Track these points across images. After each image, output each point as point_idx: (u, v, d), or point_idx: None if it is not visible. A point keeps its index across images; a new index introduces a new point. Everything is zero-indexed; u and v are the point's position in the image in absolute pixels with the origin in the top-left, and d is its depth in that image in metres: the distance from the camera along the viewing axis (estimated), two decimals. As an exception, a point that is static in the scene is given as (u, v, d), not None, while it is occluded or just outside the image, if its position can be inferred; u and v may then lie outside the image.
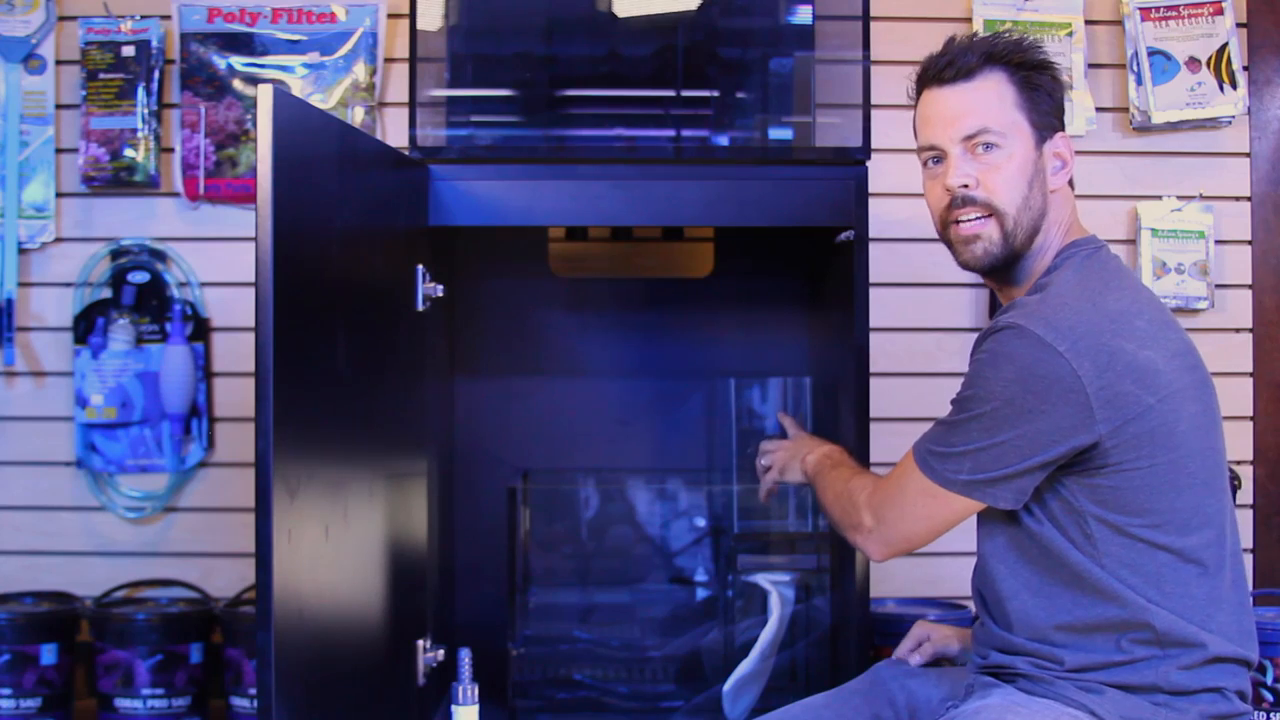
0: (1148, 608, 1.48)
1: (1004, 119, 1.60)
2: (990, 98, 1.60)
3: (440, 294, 2.05)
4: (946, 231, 1.65)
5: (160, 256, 2.66)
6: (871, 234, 2.14)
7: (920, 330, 2.70)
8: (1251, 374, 2.74)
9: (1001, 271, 1.64)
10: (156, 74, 2.64)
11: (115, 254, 2.66)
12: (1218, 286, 2.72)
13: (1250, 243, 2.75)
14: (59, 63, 2.68)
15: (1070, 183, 1.66)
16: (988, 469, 1.51)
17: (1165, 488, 1.48)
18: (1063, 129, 1.64)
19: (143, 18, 2.65)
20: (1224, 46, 2.67)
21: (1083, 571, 1.50)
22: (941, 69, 1.63)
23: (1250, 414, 2.74)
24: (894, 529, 1.64)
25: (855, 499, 1.70)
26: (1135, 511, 1.48)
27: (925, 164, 1.66)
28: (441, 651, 2.05)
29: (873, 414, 2.11)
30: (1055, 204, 1.63)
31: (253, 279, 1.42)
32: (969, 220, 1.61)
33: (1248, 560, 2.72)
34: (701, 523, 2.47)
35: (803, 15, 2.45)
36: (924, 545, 1.65)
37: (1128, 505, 1.48)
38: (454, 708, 1.82)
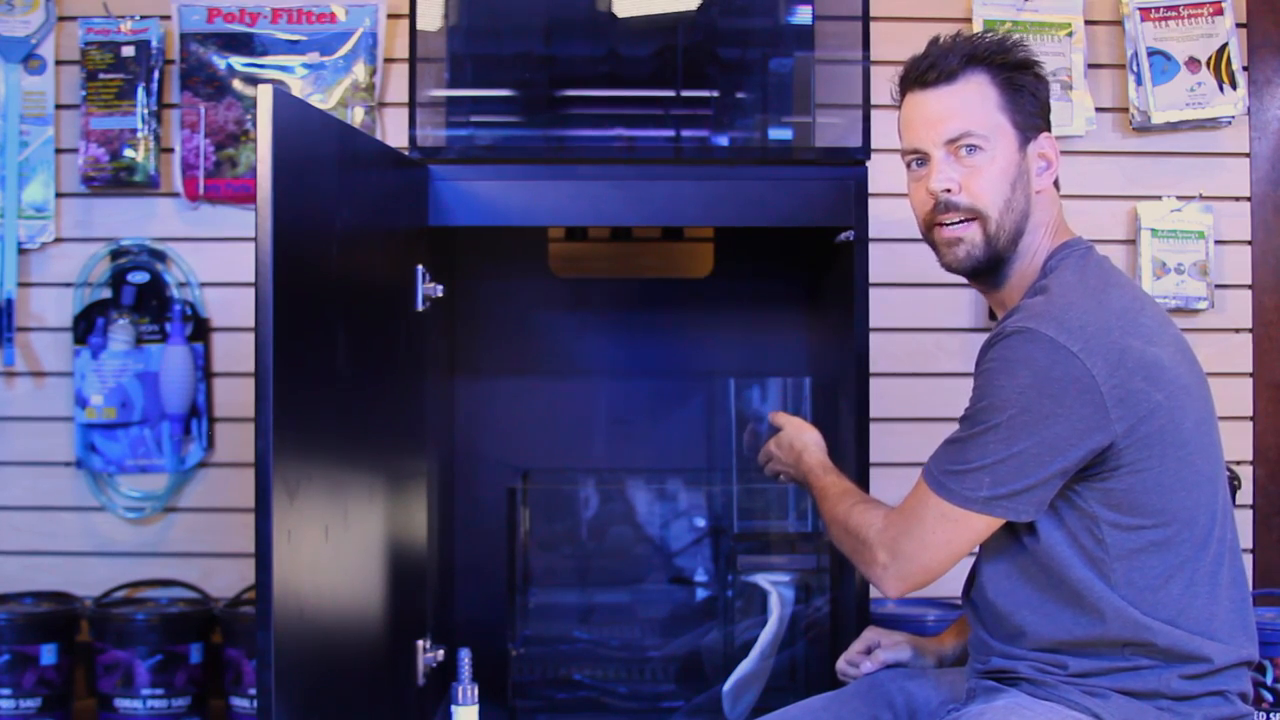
0: (1150, 625, 1.48)
1: (987, 121, 1.59)
2: (972, 100, 1.60)
3: (440, 294, 2.05)
4: (930, 234, 1.65)
5: (160, 256, 2.66)
6: (871, 234, 2.14)
7: (920, 330, 2.70)
8: (1251, 374, 2.74)
9: (986, 273, 1.63)
10: (156, 74, 2.64)
11: (115, 254, 2.66)
12: (1218, 286, 2.72)
13: (1250, 243, 2.75)
14: (59, 63, 2.68)
15: (1056, 184, 1.65)
16: (1008, 481, 1.48)
17: (1175, 486, 1.48)
18: (1048, 129, 1.63)
19: (142, 18, 2.65)
20: (1224, 47, 2.67)
21: (1084, 589, 1.49)
22: (924, 71, 1.62)
23: (1250, 414, 2.74)
24: (912, 562, 1.57)
25: (865, 536, 1.63)
26: (1147, 512, 1.48)
27: (909, 166, 1.66)
28: (441, 651, 2.05)
29: (872, 414, 2.11)
30: (1041, 205, 1.62)
31: (253, 279, 1.42)
32: (952, 224, 1.60)
33: (1248, 560, 2.72)
34: (701, 523, 2.47)
35: (803, 15, 2.45)
36: (941, 576, 1.59)
37: (1140, 506, 1.48)
38: (454, 708, 1.82)
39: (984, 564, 1.61)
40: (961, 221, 1.60)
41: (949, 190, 1.59)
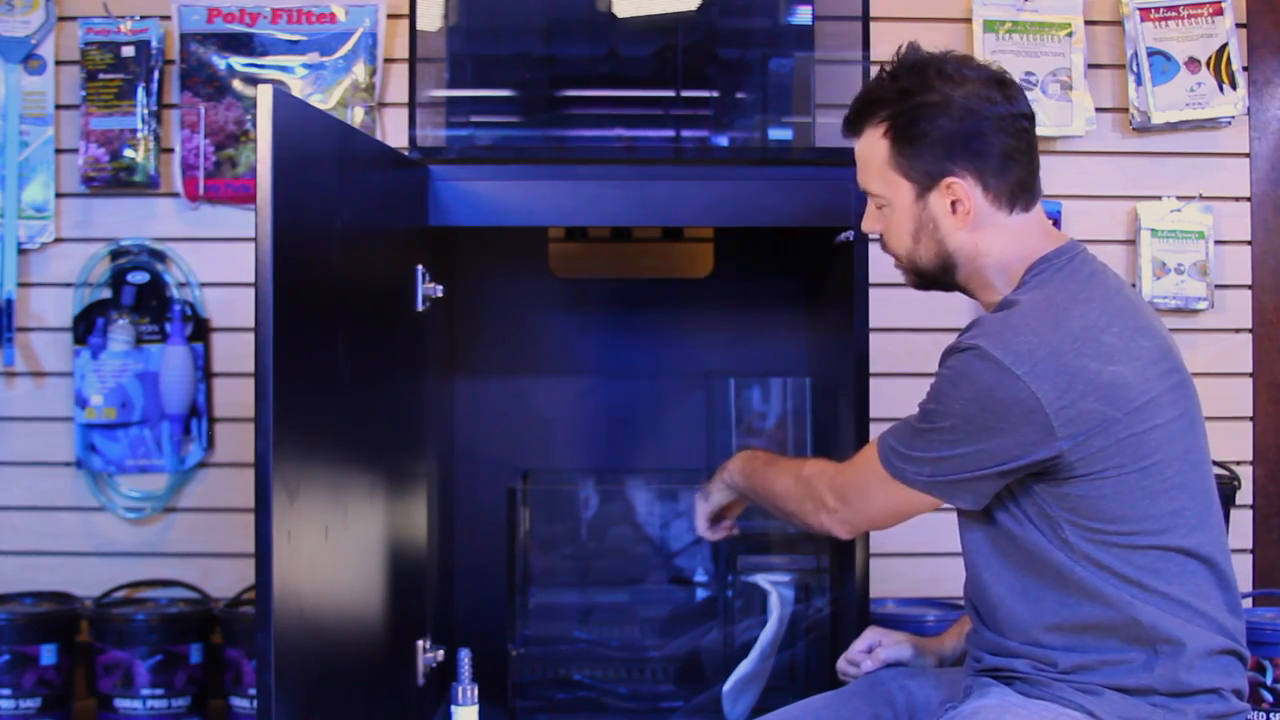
0: (1131, 603, 1.48)
1: (882, 178, 1.64)
2: (869, 158, 1.65)
3: (440, 294, 2.05)
4: None
5: (160, 257, 2.66)
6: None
7: (920, 330, 2.70)
8: (1251, 374, 2.74)
9: (944, 290, 1.70)
10: (156, 74, 2.64)
11: (115, 254, 2.66)
12: (1218, 287, 2.72)
13: (1250, 243, 2.75)
14: (59, 63, 2.68)
15: (1023, 205, 1.60)
16: (947, 474, 1.55)
17: (1139, 495, 1.48)
18: (961, 164, 1.58)
19: (142, 18, 2.65)
20: (1224, 47, 2.67)
21: (1065, 571, 1.51)
22: (844, 122, 1.70)
23: (1250, 414, 2.74)
24: (859, 513, 1.70)
25: (815, 483, 1.74)
26: (1107, 519, 1.48)
27: None
28: (441, 651, 2.05)
29: (872, 414, 2.11)
30: (981, 238, 1.60)
31: (253, 279, 1.42)
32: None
33: (1248, 560, 2.72)
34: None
35: (803, 15, 2.45)
36: (889, 527, 1.74)
37: (1098, 513, 1.48)
38: (454, 708, 1.83)
39: (968, 546, 1.63)
40: (894, 256, 1.70)
41: (874, 235, 1.72)
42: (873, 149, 1.63)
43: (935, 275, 1.67)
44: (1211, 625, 1.50)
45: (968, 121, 1.57)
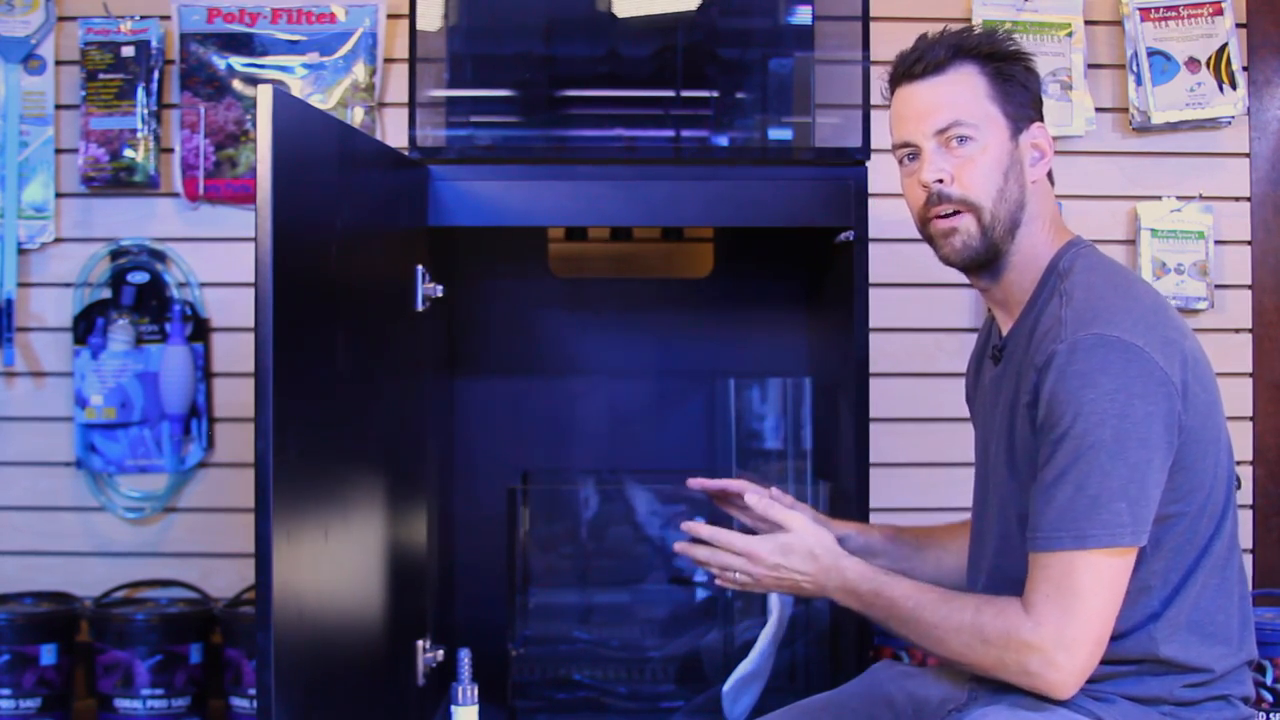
0: (1155, 638, 1.47)
1: (977, 111, 1.57)
2: (962, 90, 1.58)
3: (440, 294, 2.05)
4: (926, 228, 1.62)
5: (160, 257, 2.66)
6: (871, 234, 2.14)
7: (920, 330, 2.70)
8: (1251, 374, 2.74)
9: (983, 266, 1.60)
10: (156, 74, 2.64)
11: (115, 254, 2.66)
12: (1217, 287, 2.72)
13: (1250, 243, 2.75)
14: (59, 63, 2.68)
15: (1050, 177, 1.63)
16: (1142, 492, 1.41)
17: (1207, 484, 1.48)
18: (1040, 120, 1.62)
19: (142, 18, 2.65)
20: (1223, 47, 2.67)
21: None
22: (912, 64, 1.61)
23: (1250, 414, 2.74)
24: (1084, 646, 1.43)
25: (1020, 639, 1.45)
26: (1178, 515, 1.47)
27: (901, 161, 1.64)
28: (441, 651, 2.05)
29: (872, 414, 2.11)
30: (1036, 196, 1.60)
31: (252, 279, 1.41)
32: (946, 215, 1.58)
33: (1248, 560, 2.72)
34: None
35: (802, 15, 2.45)
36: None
37: (1173, 508, 1.47)
38: (454, 708, 1.83)
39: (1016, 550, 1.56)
40: (955, 213, 1.57)
41: (941, 181, 1.57)
42: (967, 82, 1.58)
43: (1006, 228, 1.57)
44: (1233, 635, 1.49)
45: (1037, 80, 1.63)
